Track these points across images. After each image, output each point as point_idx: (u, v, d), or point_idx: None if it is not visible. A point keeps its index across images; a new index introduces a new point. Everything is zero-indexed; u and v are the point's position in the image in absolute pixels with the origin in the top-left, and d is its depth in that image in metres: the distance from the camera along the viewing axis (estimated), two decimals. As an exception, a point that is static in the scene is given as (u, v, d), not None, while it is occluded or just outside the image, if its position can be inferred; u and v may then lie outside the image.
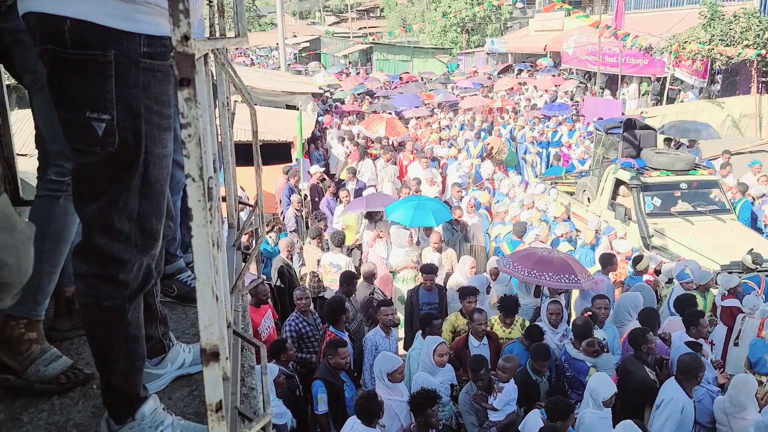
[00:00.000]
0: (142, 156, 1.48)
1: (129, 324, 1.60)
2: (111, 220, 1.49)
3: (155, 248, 1.60)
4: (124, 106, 1.44)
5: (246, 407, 1.84)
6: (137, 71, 1.44)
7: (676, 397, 4.48)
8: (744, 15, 18.00)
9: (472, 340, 5.49)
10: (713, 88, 19.85)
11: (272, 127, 12.10)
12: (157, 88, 1.49)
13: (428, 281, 6.42)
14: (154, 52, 1.46)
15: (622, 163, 9.26)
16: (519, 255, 6.49)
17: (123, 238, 1.51)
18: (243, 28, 1.61)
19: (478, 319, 5.45)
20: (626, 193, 9.16)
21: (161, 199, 1.58)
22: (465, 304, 5.85)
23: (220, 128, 2.28)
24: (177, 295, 2.51)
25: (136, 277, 1.57)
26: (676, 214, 8.66)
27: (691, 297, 6.23)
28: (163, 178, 1.56)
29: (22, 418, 1.81)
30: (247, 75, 17.76)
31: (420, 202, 8.01)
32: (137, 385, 1.68)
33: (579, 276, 5.88)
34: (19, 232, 1.04)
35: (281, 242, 7.42)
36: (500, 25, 40.42)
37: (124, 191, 1.48)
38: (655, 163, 9.05)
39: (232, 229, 2.63)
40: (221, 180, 2.26)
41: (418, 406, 4.24)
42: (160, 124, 1.52)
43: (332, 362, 4.84)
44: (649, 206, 8.70)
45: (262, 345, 1.94)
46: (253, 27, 52.85)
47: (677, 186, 8.85)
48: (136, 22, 1.41)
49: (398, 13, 50.73)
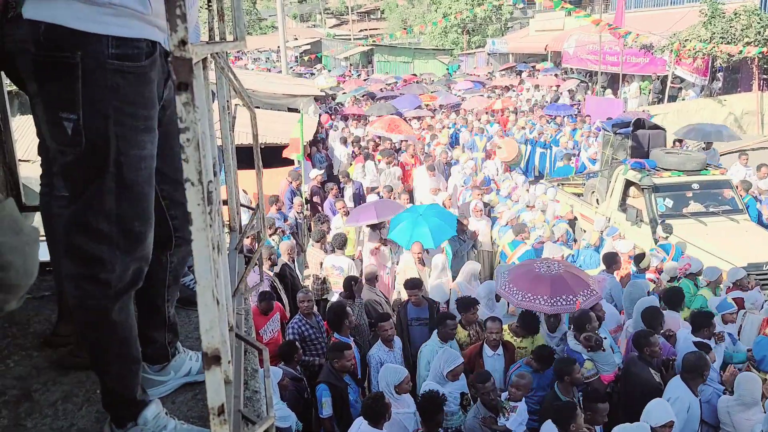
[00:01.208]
0: (112, 156, 1.50)
1: (116, 325, 1.61)
2: (88, 221, 1.53)
3: (141, 250, 1.60)
4: (91, 106, 1.47)
5: (249, 410, 1.84)
6: (104, 72, 1.47)
7: (681, 395, 4.44)
8: (744, 12, 17.98)
9: (486, 350, 5.26)
10: (714, 86, 19.82)
11: (273, 130, 12.11)
12: (128, 90, 1.50)
13: (413, 297, 6.07)
14: (124, 53, 1.48)
15: (632, 164, 9.09)
16: (516, 273, 6.06)
17: (102, 239, 1.53)
18: (241, 31, 1.62)
19: (492, 327, 5.22)
20: (636, 194, 9.02)
21: (144, 201, 1.58)
22: (467, 316, 5.62)
23: (221, 131, 2.28)
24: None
25: (120, 278, 1.57)
26: (688, 215, 8.50)
27: (679, 290, 6.23)
28: (142, 180, 1.56)
29: (26, 424, 1.81)
30: (248, 78, 17.79)
31: (417, 218, 7.54)
32: (132, 388, 1.68)
33: (577, 293, 5.56)
34: (25, 235, 1.05)
35: (282, 245, 7.41)
36: (501, 26, 40.44)
37: (98, 192, 1.51)
38: (666, 163, 8.90)
39: (234, 233, 2.63)
40: (223, 183, 2.26)
41: (427, 411, 4.20)
42: (135, 125, 1.52)
43: (337, 365, 4.81)
44: (661, 207, 8.56)
45: (264, 348, 1.94)
46: (254, 30, 52.96)
47: (689, 186, 8.69)
48: (102, 24, 1.45)
49: (399, 14, 50.81)
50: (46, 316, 2.43)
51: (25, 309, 2.47)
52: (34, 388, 1.97)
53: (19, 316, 2.40)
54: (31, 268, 1.06)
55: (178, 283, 1.99)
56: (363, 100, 22.07)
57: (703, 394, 4.92)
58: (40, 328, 2.34)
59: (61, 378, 2.02)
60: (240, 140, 9.11)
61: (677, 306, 5.98)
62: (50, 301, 2.55)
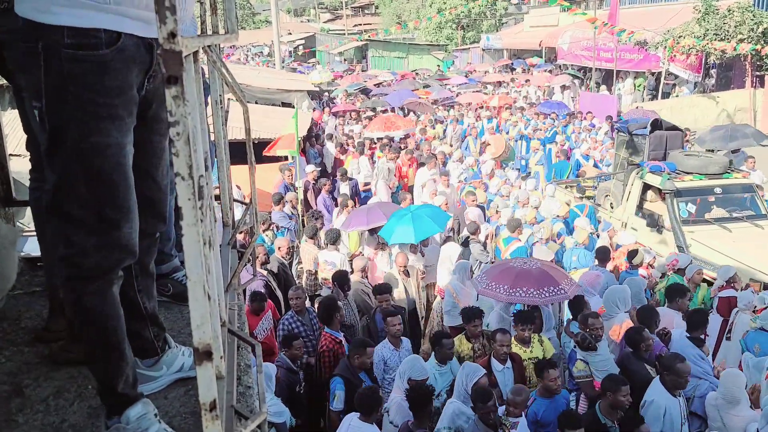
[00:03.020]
0: (73, 143, 1.55)
1: (89, 310, 1.65)
2: (61, 205, 1.60)
3: (115, 237, 1.63)
4: (51, 94, 1.54)
5: (242, 406, 1.84)
6: (60, 61, 1.52)
7: (657, 399, 4.33)
8: (738, 9, 18.06)
9: (495, 364, 4.98)
10: (708, 83, 19.91)
11: (267, 125, 12.07)
12: (87, 78, 1.54)
13: (384, 302, 5.86)
14: (80, 42, 1.53)
15: (650, 167, 8.67)
16: (495, 272, 5.89)
17: (73, 222, 1.60)
18: (232, 24, 1.61)
19: (501, 340, 4.96)
20: (654, 198, 8.67)
21: (112, 188, 1.60)
22: (470, 329, 5.35)
23: (213, 126, 2.27)
24: (172, 294, 2.50)
25: (93, 263, 1.61)
26: (712, 221, 8.05)
27: (684, 288, 6.25)
28: (109, 167, 1.59)
29: (18, 420, 1.80)
30: (242, 73, 17.71)
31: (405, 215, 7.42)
32: (112, 378, 1.68)
33: (562, 284, 5.54)
34: (2, 237, 1.04)
35: (277, 241, 7.40)
36: (495, 21, 40.41)
37: (68, 178, 1.58)
38: (687, 166, 8.43)
39: (227, 228, 2.62)
40: (215, 178, 2.25)
41: (416, 402, 4.17)
42: (95, 112, 1.55)
43: (357, 362, 4.74)
44: (684, 213, 8.13)
45: (257, 343, 1.93)
46: (247, 25, 52.68)
47: (711, 191, 8.24)
48: (55, 15, 1.51)
49: (393, 9, 50.63)
50: (37, 312, 2.41)
51: (16, 304, 2.46)
52: (26, 384, 1.96)
53: (9, 311, 2.39)
54: (8, 271, 1.04)
55: (149, 275, 1.98)
56: (355, 96, 22.01)
57: (699, 389, 4.95)
58: (31, 324, 2.33)
59: (52, 374, 2.01)
60: (233, 135, 9.11)
61: (678, 300, 5.95)
62: (41, 296, 2.53)
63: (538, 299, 5.43)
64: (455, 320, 6.40)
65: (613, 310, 5.77)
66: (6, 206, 2.76)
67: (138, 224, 1.69)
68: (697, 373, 4.98)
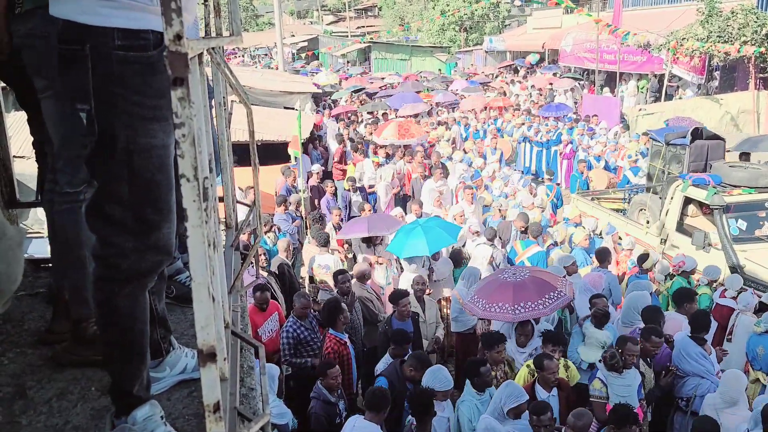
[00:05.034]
0: (122, 145, 1.55)
1: (119, 311, 1.65)
2: (102, 206, 1.60)
3: (155, 239, 1.63)
4: (100, 96, 1.53)
5: (245, 407, 1.84)
6: (111, 63, 1.52)
7: None
8: (742, 11, 17.99)
9: (540, 391, 4.71)
10: (711, 85, 19.85)
11: (270, 127, 12.08)
12: (136, 80, 1.55)
13: (403, 307, 5.74)
14: (130, 44, 1.54)
15: (693, 179, 8.07)
16: (488, 290, 5.52)
17: (114, 223, 1.60)
18: (237, 27, 1.61)
19: (549, 367, 4.67)
20: (695, 213, 8.12)
21: (155, 190, 1.61)
22: (494, 355, 5.00)
23: (217, 128, 2.27)
24: (175, 296, 2.51)
25: (132, 264, 1.61)
26: (765, 239, 7.45)
27: (692, 292, 6.22)
28: (153, 168, 1.59)
29: (21, 421, 1.80)
30: (245, 75, 17.74)
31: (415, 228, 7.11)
32: (130, 380, 1.69)
33: (558, 287, 5.34)
34: (9, 239, 1.03)
35: (280, 242, 7.40)
36: (498, 23, 40.41)
37: (111, 179, 1.57)
38: (733, 179, 7.89)
39: (231, 230, 2.62)
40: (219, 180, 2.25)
41: (419, 406, 4.17)
42: (143, 114, 1.56)
43: (410, 374, 4.74)
44: (734, 230, 7.54)
45: (260, 345, 1.94)
46: (250, 27, 52.77)
47: (763, 206, 7.67)
48: (105, 17, 1.52)
49: (396, 11, 50.65)
50: (41, 313, 2.42)
51: (20, 306, 2.46)
52: (29, 386, 1.96)
53: (13, 313, 2.39)
54: (15, 273, 1.04)
55: (162, 277, 2.00)
56: (357, 98, 21.99)
57: (700, 387, 4.95)
58: (35, 326, 2.33)
59: (56, 375, 2.02)
60: (236, 137, 9.11)
61: (685, 304, 5.90)
62: (44, 298, 2.53)
63: (544, 309, 5.20)
64: (462, 326, 6.40)
65: (634, 317, 5.70)
66: (10, 208, 2.77)
67: (176, 225, 1.71)
68: (699, 372, 5.00)
